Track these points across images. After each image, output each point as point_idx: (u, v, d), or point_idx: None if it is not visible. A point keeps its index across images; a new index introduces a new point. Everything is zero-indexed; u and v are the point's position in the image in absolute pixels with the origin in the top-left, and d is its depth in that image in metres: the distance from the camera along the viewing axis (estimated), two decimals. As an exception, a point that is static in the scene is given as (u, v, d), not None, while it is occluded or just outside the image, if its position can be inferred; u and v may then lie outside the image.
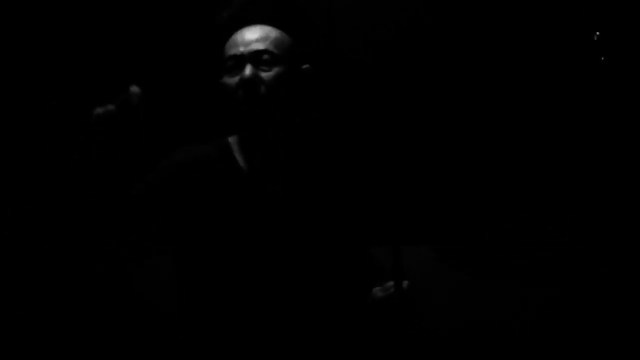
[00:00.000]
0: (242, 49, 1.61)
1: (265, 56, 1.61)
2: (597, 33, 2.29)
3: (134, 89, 1.52)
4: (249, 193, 1.61)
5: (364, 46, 2.38)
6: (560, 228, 2.26)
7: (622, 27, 2.28)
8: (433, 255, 1.99)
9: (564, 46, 2.34)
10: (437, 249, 2.12)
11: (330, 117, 1.80)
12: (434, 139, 2.38)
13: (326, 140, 1.73)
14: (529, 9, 2.34)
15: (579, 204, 2.28)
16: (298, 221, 1.62)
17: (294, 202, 1.63)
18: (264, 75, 1.59)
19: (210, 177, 1.61)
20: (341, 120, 1.61)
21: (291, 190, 1.64)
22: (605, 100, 2.31)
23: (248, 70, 1.58)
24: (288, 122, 1.64)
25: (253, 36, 1.63)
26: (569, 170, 2.31)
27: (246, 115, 1.59)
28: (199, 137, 1.70)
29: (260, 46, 1.61)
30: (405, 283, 1.53)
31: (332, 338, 1.60)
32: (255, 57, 1.60)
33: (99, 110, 1.50)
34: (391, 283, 1.57)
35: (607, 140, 2.29)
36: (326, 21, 2.35)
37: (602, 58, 2.30)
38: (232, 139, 1.71)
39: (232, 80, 1.60)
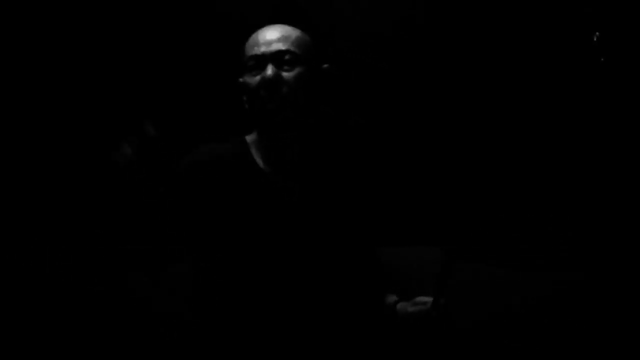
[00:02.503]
0: (263, 48, 1.62)
1: (287, 56, 1.62)
2: (597, 34, 2.30)
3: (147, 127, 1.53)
4: (268, 192, 1.62)
5: (364, 46, 2.38)
6: (560, 228, 2.27)
7: (622, 28, 2.28)
8: (438, 256, 1.98)
9: (564, 47, 2.34)
10: (444, 249, 2.11)
11: (342, 115, 1.81)
12: (435, 138, 2.38)
13: (340, 138, 1.74)
14: (528, 9, 2.35)
15: (578, 204, 2.29)
16: (316, 220, 1.62)
17: (311, 200, 1.64)
18: (286, 75, 1.60)
19: (229, 176, 1.62)
20: (350, 118, 1.62)
21: (309, 188, 1.65)
22: (605, 101, 2.31)
23: (270, 70, 1.59)
24: (307, 121, 1.65)
25: (274, 36, 1.64)
26: (569, 170, 2.32)
27: (267, 115, 1.60)
28: (215, 136, 1.72)
29: (281, 46, 1.62)
30: (443, 300, 1.52)
31: (345, 339, 1.60)
32: (276, 57, 1.62)
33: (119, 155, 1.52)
34: (424, 299, 1.58)
35: (607, 140, 2.30)
36: (326, 21, 2.35)
37: (602, 59, 2.30)
38: (249, 138, 1.72)
39: (254, 79, 1.61)
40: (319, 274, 1.60)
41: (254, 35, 1.68)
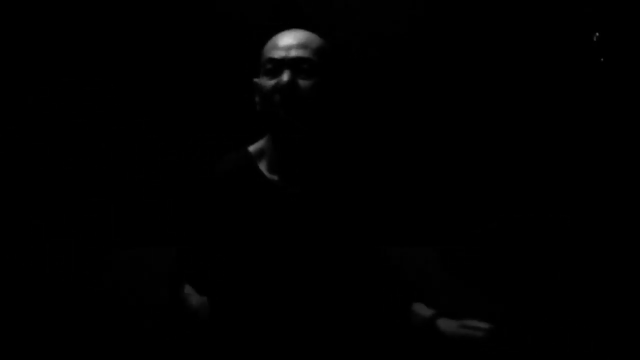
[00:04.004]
0: (282, 53, 1.60)
1: (306, 64, 1.59)
2: (597, 34, 2.30)
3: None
4: (274, 200, 1.61)
5: (363, 45, 2.38)
6: (560, 228, 2.27)
7: (622, 28, 2.28)
8: (436, 256, 1.99)
9: (564, 47, 2.34)
10: (441, 250, 2.12)
11: (344, 120, 1.81)
12: (434, 139, 2.38)
13: (343, 145, 1.74)
14: (528, 9, 2.35)
15: (578, 204, 2.29)
16: (322, 225, 1.62)
17: (317, 206, 1.64)
18: (302, 83, 1.58)
19: (238, 189, 1.62)
20: (349, 122, 1.63)
21: (314, 194, 1.64)
22: (605, 101, 2.31)
23: (287, 76, 1.58)
24: (316, 130, 1.64)
25: (295, 41, 1.62)
26: (569, 170, 2.32)
27: (278, 120, 1.58)
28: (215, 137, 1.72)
29: (301, 53, 1.60)
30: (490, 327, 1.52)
31: (351, 342, 1.60)
32: (295, 64, 1.59)
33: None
34: (476, 323, 1.57)
35: (606, 140, 2.30)
36: (326, 21, 2.35)
37: (602, 59, 2.30)
38: (252, 148, 1.71)
39: (269, 83, 1.59)
40: (325, 278, 1.60)
41: (274, 38, 1.66)
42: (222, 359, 1.57)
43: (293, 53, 1.60)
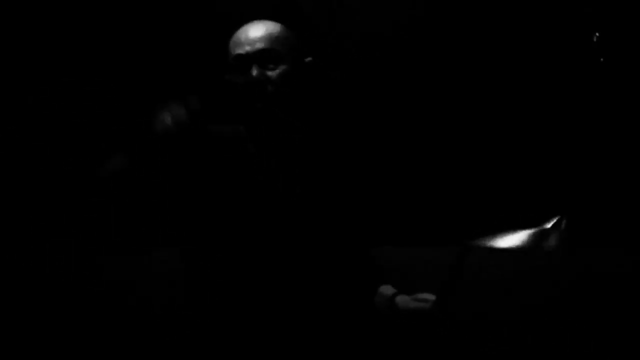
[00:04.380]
0: (247, 48, 1.64)
1: (271, 55, 1.63)
2: (597, 34, 2.30)
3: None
4: (263, 182, 1.63)
5: (363, 45, 2.38)
6: (560, 228, 2.26)
7: (621, 28, 2.28)
8: (436, 256, 1.98)
9: (564, 47, 2.34)
10: (440, 250, 2.12)
11: (331, 116, 1.81)
12: (433, 138, 2.38)
13: (330, 138, 1.75)
14: (528, 9, 2.35)
15: (578, 204, 2.29)
16: (304, 212, 1.63)
17: (303, 197, 1.65)
18: (271, 73, 1.62)
19: (226, 156, 1.64)
20: (340, 119, 1.64)
21: (300, 185, 1.65)
22: (605, 101, 2.31)
23: (255, 70, 1.61)
24: (295, 118, 1.66)
25: (257, 34, 1.65)
26: (569, 170, 2.32)
27: (254, 114, 1.61)
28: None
29: (264, 45, 1.64)
30: (448, 300, 1.54)
31: (333, 333, 1.61)
32: (260, 56, 1.63)
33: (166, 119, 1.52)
34: (426, 295, 1.60)
35: (606, 140, 2.30)
36: (326, 21, 2.36)
37: (602, 59, 2.30)
38: (242, 129, 1.74)
39: (239, 79, 1.62)
40: (305, 267, 1.60)
41: (237, 34, 1.70)
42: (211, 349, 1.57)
43: (257, 46, 1.64)
